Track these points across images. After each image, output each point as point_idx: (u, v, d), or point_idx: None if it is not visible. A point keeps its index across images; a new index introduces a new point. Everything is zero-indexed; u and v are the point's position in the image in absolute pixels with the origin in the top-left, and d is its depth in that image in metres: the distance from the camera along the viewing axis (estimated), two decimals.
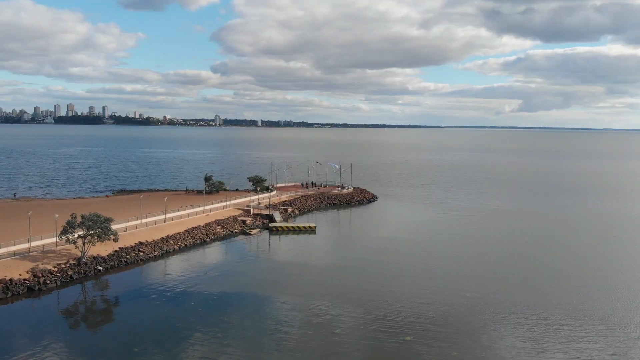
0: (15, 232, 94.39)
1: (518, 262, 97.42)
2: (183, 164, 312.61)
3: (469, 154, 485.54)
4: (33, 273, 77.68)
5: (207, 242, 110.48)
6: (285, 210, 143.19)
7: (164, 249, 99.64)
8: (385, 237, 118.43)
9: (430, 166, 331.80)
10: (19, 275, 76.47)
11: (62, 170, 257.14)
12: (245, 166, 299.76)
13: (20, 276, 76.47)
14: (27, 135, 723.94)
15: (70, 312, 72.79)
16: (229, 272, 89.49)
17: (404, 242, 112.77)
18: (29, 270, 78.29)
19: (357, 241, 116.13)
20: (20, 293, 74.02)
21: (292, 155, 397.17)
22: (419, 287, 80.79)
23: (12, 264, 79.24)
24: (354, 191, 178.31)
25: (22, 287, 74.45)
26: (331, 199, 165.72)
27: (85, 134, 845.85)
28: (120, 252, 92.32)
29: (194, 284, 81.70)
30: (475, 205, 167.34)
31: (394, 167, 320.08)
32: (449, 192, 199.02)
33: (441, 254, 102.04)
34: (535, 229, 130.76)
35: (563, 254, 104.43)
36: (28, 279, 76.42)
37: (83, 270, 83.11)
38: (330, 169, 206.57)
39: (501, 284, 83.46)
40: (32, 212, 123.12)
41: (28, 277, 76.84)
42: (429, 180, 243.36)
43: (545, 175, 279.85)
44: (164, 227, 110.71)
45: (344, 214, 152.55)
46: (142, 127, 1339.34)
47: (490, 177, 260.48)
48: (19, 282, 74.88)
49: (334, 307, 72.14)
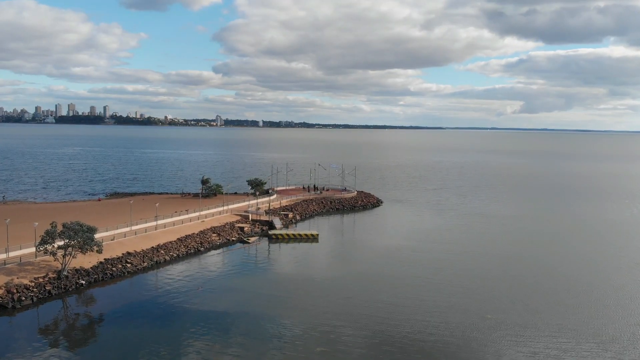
0: None
1: (540, 276, 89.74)
2: (183, 165, 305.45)
3: (475, 155, 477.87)
4: (7, 288, 70.40)
5: (201, 251, 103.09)
6: (286, 216, 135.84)
7: (153, 260, 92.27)
8: (391, 246, 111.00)
9: (438, 168, 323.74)
10: None
11: (59, 172, 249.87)
12: (245, 167, 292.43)
13: None
14: (26, 135, 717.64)
15: (47, 331, 65.37)
16: (224, 286, 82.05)
17: (412, 252, 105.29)
18: (2, 285, 70.97)
19: (362, 251, 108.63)
20: None
21: (293, 156, 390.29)
22: (432, 305, 73.35)
23: None
24: (358, 195, 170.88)
25: None
26: (334, 204, 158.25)
27: (85, 134, 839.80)
28: (105, 263, 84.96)
29: (186, 300, 74.47)
30: (489, 211, 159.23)
31: (400, 169, 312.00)
32: (459, 196, 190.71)
33: (454, 267, 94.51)
34: (552, 237, 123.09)
35: (587, 267, 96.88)
36: (1, 295, 69.11)
37: (63, 285, 75.79)
38: (332, 171, 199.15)
39: (524, 303, 75.88)
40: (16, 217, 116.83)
41: (1, 293, 69.53)
42: (438, 183, 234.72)
43: (554, 177, 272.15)
44: (155, 235, 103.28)
45: (347, 220, 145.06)
46: (143, 127, 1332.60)
47: (501, 181, 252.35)
48: None
49: (339, 327, 64.96)
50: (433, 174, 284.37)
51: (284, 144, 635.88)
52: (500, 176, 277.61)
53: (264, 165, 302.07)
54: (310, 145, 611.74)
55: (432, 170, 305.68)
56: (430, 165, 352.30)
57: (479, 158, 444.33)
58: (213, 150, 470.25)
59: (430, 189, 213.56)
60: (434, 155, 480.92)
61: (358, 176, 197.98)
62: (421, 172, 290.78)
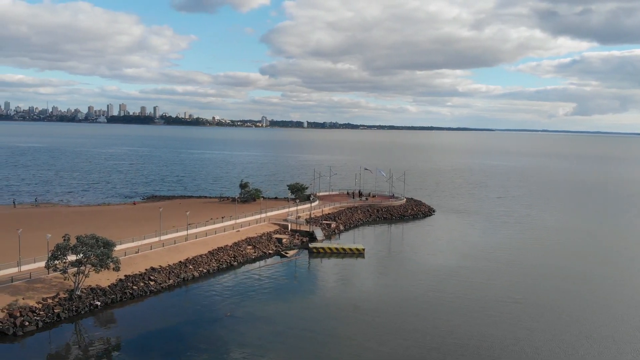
0: (8, 251, 79.77)
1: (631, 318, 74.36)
2: (227, 167, 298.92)
3: (532, 159, 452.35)
4: (9, 311, 61.89)
5: (234, 266, 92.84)
6: (329, 225, 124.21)
7: (180, 277, 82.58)
8: (447, 265, 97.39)
9: (496, 173, 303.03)
10: None
11: (103, 173, 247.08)
12: (288, 170, 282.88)
13: None
14: (78, 135, 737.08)
15: None
16: (256, 312, 70.98)
17: (472, 273, 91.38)
18: (5, 307, 62.53)
19: (414, 269, 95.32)
20: None
21: (337, 158, 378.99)
22: (504, 344, 59.86)
23: None
24: (408, 203, 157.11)
25: None
26: (381, 212, 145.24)
27: (135, 133, 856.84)
28: (125, 281, 75.70)
29: (212, 329, 64.19)
30: (560, 224, 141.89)
31: (455, 173, 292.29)
32: (525, 206, 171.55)
33: (527, 295, 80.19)
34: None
35: None
36: (2, 319, 60.62)
37: (75, 307, 66.77)
38: (380, 177, 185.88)
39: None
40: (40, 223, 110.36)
41: (2, 316, 61.08)
42: (499, 191, 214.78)
43: (624, 185, 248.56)
44: (184, 247, 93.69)
45: (395, 231, 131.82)
46: (191, 127, 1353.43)
47: (568, 189, 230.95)
48: None
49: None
50: (491, 179, 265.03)
51: (327, 146, 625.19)
52: (565, 183, 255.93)
53: (306, 167, 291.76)
54: (355, 147, 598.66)
55: (490, 176, 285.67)
56: (487, 169, 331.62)
57: (537, 162, 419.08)
58: (257, 151, 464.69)
59: (493, 197, 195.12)
60: (488, 158, 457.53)
61: (407, 181, 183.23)
62: (479, 177, 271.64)
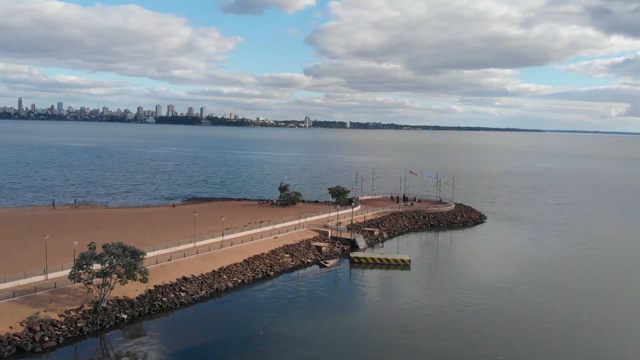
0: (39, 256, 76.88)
1: None
2: (270, 168, 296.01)
3: (587, 162, 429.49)
4: (28, 325, 58.21)
5: (270, 276, 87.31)
6: (371, 232, 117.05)
7: (213, 287, 77.64)
8: (502, 279, 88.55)
9: (551, 176, 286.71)
10: (9, 329, 57.19)
11: (148, 173, 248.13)
12: (330, 172, 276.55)
13: (11, 329, 57.18)
14: (127, 134, 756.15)
15: None
16: (291, 332, 64.80)
17: (530, 290, 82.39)
18: (24, 320, 58.94)
19: (465, 285, 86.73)
20: (6, 355, 54.52)
21: (380, 160, 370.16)
22: None
23: (5, 309, 60.17)
24: (456, 209, 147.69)
25: (8, 347, 54.93)
26: (427, 219, 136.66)
27: (182, 134, 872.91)
28: (154, 292, 71.24)
29: (242, 351, 58.57)
30: (631, 236, 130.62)
31: (508, 177, 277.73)
32: (585, 215, 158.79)
33: (595, 318, 70.75)
34: None
35: None
36: (20, 333, 56.97)
37: (99, 320, 62.64)
38: (427, 180, 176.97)
39: None
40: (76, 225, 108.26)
41: (21, 330, 57.45)
42: (556, 196, 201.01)
43: None
44: (218, 254, 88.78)
45: (443, 240, 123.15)
46: (236, 128, 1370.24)
47: (630, 195, 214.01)
48: (5, 340, 55.46)
49: None
50: (547, 183, 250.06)
51: (371, 147, 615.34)
52: (628, 189, 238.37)
53: (348, 169, 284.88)
54: (399, 148, 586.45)
55: (545, 179, 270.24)
56: (541, 172, 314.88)
57: (593, 165, 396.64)
58: (300, 152, 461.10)
59: (551, 203, 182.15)
60: (541, 160, 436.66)
61: (456, 185, 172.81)
62: (533, 181, 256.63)
